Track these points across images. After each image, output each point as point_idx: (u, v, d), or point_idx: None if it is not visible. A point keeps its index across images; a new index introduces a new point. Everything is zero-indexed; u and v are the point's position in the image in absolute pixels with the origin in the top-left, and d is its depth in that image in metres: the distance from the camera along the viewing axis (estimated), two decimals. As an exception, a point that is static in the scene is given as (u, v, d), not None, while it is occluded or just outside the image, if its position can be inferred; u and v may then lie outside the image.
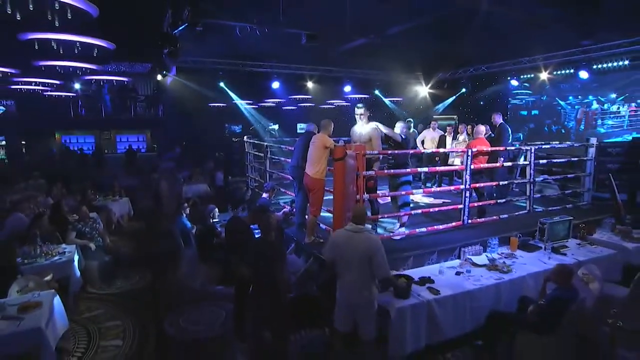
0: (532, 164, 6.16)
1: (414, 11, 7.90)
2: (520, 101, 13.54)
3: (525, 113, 13.33)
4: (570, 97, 11.58)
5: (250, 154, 9.07)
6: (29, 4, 3.32)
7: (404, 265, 4.59)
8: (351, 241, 3.37)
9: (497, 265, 4.61)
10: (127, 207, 9.14)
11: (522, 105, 13.54)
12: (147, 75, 13.01)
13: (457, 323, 4.04)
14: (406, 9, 7.71)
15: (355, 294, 3.39)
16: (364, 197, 4.67)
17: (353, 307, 3.45)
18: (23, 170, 10.88)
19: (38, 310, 3.50)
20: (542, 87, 11.63)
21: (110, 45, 5.64)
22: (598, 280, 4.43)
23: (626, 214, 6.34)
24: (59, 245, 5.33)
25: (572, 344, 3.74)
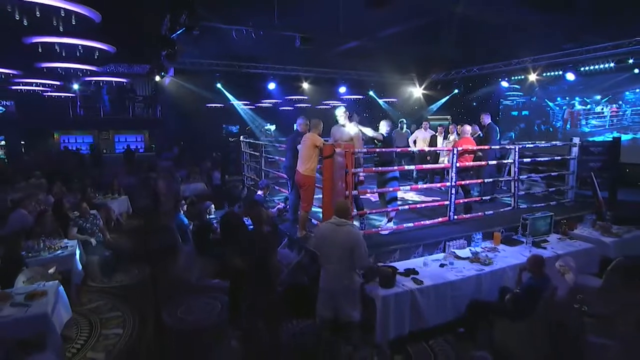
0: (516, 163, 6.42)
1: (405, 15, 8.14)
2: (511, 102, 13.85)
3: (516, 113, 13.65)
4: (559, 99, 11.89)
5: (246, 153, 9.29)
6: (36, 11, 3.59)
7: (390, 258, 4.83)
8: (335, 233, 3.62)
9: (480, 258, 4.85)
10: (125, 205, 9.34)
11: (513, 106, 13.86)
12: (146, 76, 13.22)
13: (440, 312, 4.28)
14: (397, 14, 7.93)
15: (336, 282, 3.62)
16: (353, 193, 4.90)
17: (334, 294, 3.68)
18: (23, 170, 11.08)
19: (44, 299, 3.73)
20: (532, 88, 11.93)
21: (110, 48, 5.87)
22: (573, 271, 4.69)
23: (607, 210, 6.60)
24: (61, 240, 5.55)
25: (546, 329, 3.98)
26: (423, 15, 8.64)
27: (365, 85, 14.99)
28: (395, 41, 10.09)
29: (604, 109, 10.21)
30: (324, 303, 3.77)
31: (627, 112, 9.78)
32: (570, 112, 11.32)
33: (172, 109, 16.57)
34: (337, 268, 3.59)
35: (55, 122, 16.23)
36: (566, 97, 11.36)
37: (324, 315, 3.81)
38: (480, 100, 13.72)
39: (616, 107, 9.96)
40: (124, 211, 9.25)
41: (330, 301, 3.74)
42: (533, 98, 12.60)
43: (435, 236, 5.31)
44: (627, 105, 9.79)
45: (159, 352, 4.25)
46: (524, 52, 10.29)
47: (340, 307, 3.71)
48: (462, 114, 14.30)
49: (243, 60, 11.55)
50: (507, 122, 13.47)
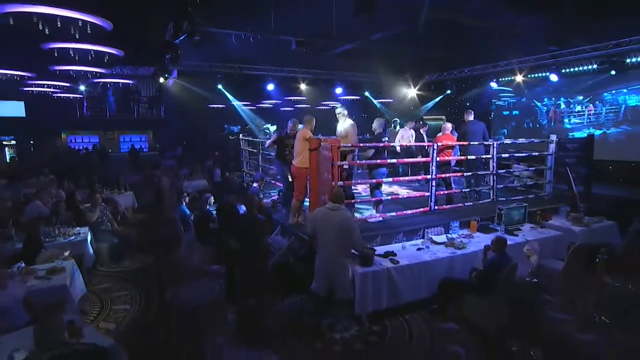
0: (494, 158, 6.88)
1: (396, 20, 8.62)
2: (503, 103, 14.39)
3: (508, 113, 14.21)
4: (545, 99, 12.46)
5: (245, 151, 9.80)
6: (57, 22, 4.10)
7: (372, 243, 5.31)
8: (330, 217, 4.08)
9: (454, 243, 5.33)
10: (131, 200, 9.86)
11: (504, 106, 14.43)
12: (150, 78, 13.77)
13: (415, 289, 4.76)
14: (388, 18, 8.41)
15: (332, 263, 4.10)
16: (339, 184, 5.39)
17: (330, 273, 4.15)
18: (32, 168, 11.65)
19: (62, 274, 4.25)
20: (522, 90, 12.46)
21: (119, 52, 6.41)
22: (537, 254, 5.18)
23: (581, 203, 7.07)
24: (74, 227, 6.08)
25: (506, 304, 4.45)
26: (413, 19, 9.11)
27: (362, 86, 15.48)
28: (389, 44, 10.58)
29: (584, 108, 10.76)
30: (321, 283, 4.23)
31: (602, 111, 10.40)
32: (554, 110, 11.87)
33: (175, 110, 17.11)
34: (333, 250, 4.06)
35: (62, 122, 16.82)
36: (552, 98, 11.89)
37: (320, 293, 4.28)
38: (473, 101, 14.19)
39: (593, 106, 10.53)
40: (130, 206, 9.76)
41: (326, 281, 4.21)
42: (523, 99, 13.16)
43: (416, 224, 5.79)
44: (602, 105, 10.41)
45: (163, 324, 4.75)
46: (511, 55, 10.76)
47: (336, 286, 4.18)
48: (456, 113, 14.74)
49: (243, 63, 12.07)
50: (500, 121, 14.00)
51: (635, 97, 9.63)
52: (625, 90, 9.91)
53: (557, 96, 11.77)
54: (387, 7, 8.23)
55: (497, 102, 14.33)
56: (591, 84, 10.34)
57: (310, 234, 4.31)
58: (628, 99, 9.81)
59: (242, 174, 9.95)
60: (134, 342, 4.01)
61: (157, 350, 3.99)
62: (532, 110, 12.99)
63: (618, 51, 8.76)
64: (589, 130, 10.35)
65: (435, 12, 8.85)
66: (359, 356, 4.09)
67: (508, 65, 11.02)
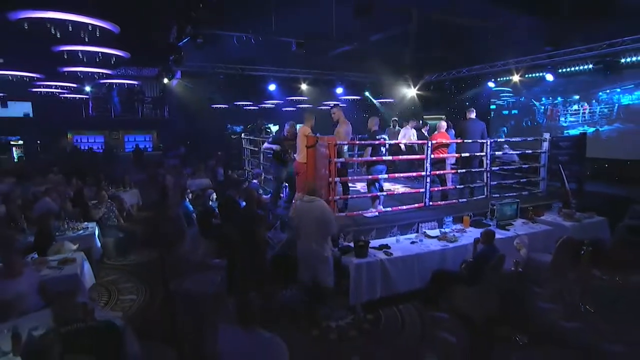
0: (488, 155, 7.09)
1: (393, 21, 8.84)
2: (503, 102, 14.62)
3: (507, 112, 14.45)
4: (543, 98, 12.69)
5: (247, 149, 10.05)
6: (69, 27, 4.35)
7: (367, 236, 5.52)
8: (308, 209, 4.37)
9: (447, 237, 5.55)
10: (136, 198, 10.12)
11: (504, 105, 14.66)
12: (154, 78, 14.06)
13: (407, 280, 4.98)
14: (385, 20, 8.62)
15: (311, 250, 4.33)
16: (336, 179, 5.61)
17: (310, 262, 4.39)
18: (39, 167, 11.95)
19: (73, 264, 4.50)
20: (521, 89, 12.69)
21: (125, 54, 6.67)
22: (526, 247, 5.40)
23: (573, 199, 7.26)
24: (82, 222, 6.33)
25: (496, 294, 4.65)
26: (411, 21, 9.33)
27: (362, 86, 15.70)
28: (388, 45, 10.80)
29: (579, 107, 10.97)
30: (303, 271, 4.49)
31: (596, 110, 10.64)
32: (551, 109, 12.11)
33: (178, 110, 17.40)
34: (312, 239, 4.31)
35: (68, 122, 17.14)
36: (550, 97, 12.09)
37: (303, 280, 4.53)
38: (472, 100, 14.38)
39: (588, 105, 10.77)
40: (135, 203, 10.02)
41: (307, 269, 4.46)
42: (522, 98, 13.39)
43: (410, 219, 6.01)
44: (597, 104, 10.64)
45: (168, 312, 4.99)
46: (508, 55, 10.96)
47: (316, 274, 4.43)
48: (456, 113, 14.94)
49: (244, 63, 12.31)
50: (499, 120, 14.22)
51: (628, 96, 9.81)
52: (619, 89, 10.09)
53: (555, 95, 12.00)
54: (386, 9, 8.47)
55: (497, 101, 14.55)
56: (587, 83, 10.54)
57: (293, 225, 4.55)
58: (622, 98, 9.99)
59: (244, 172, 10.20)
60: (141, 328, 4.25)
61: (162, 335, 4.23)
62: (531, 109, 13.23)
63: (611, 51, 8.92)
64: (584, 128, 10.62)
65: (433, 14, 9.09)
66: (354, 342, 4.31)
67: (505, 65, 11.21)
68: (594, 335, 4.31)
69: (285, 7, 7.73)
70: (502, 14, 9.33)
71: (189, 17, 5.92)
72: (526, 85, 12.20)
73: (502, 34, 10.04)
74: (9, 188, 8.68)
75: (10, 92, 13.90)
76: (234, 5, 6.61)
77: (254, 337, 2.54)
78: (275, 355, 2.51)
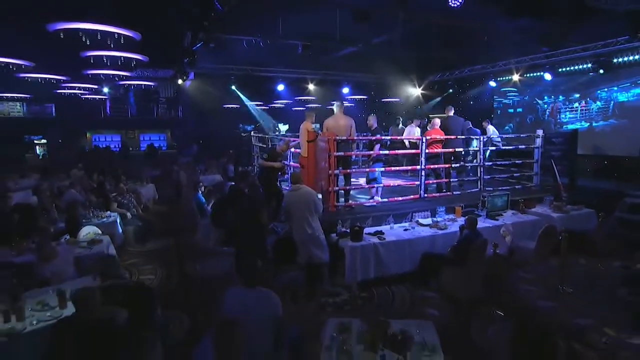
0: (481, 150, 7.51)
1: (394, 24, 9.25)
2: (509, 101, 14.99)
3: (512, 110, 14.86)
4: (546, 97, 13.05)
5: (256, 147, 10.59)
6: (98, 35, 4.95)
7: (364, 224, 6.00)
8: (296, 195, 4.92)
9: (438, 225, 6.00)
10: (152, 192, 10.77)
11: (510, 104, 15.03)
12: (169, 79, 14.74)
13: (399, 262, 5.45)
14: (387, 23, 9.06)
15: (303, 232, 4.85)
16: (336, 172, 6.10)
17: (304, 242, 4.90)
18: (61, 164, 12.72)
19: (101, 244, 5.10)
20: (525, 89, 13.09)
21: (145, 58, 7.26)
22: (511, 234, 5.83)
23: (564, 193, 7.64)
24: (105, 211, 6.96)
25: (479, 275, 5.09)
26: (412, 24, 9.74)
27: (368, 86, 16.15)
28: (391, 46, 11.23)
29: (577, 105, 11.38)
30: (301, 253, 5.01)
31: (592, 107, 11.08)
32: (552, 107, 12.48)
33: (192, 110, 18.09)
34: (303, 221, 4.83)
35: (87, 122, 17.98)
36: (552, 96, 12.44)
37: (302, 260, 5.04)
38: (476, 99, 14.74)
39: (585, 102, 11.16)
40: (151, 197, 10.67)
41: (303, 248, 4.97)
42: (526, 97, 13.77)
43: (405, 208, 6.48)
44: (593, 101, 11.09)
45: (182, 291, 5.56)
46: (508, 55, 11.31)
47: (312, 252, 4.93)
48: (460, 111, 15.26)
49: (254, 65, 12.89)
50: (505, 117, 14.61)
51: (625, 94, 10.11)
52: (616, 88, 10.40)
53: (557, 94, 12.39)
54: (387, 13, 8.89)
55: (504, 100, 14.97)
56: (587, 82, 10.91)
57: (286, 212, 5.05)
58: (619, 95, 10.29)
59: (254, 167, 10.75)
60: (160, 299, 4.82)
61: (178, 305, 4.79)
62: (534, 107, 13.66)
63: (606, 51, 9.23)
64: (581, 123, 11.08)
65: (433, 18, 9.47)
66: (348, 314, 4.79)
67: (505, 65, 11.56)
68: (567, 312, 4.72)
69: (291, 12, 8.24)
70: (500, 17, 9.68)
71: (202, 25, 6.48)
72: (530, 84, 12.60)
73: (501, 36, 10.38)
74: (37, 182, 9.38)
75: (36, 93, 14.73)
76: (243, 11, 7.14)
77: (254, 293, 3.05)
78: (269, 306, 3.03)
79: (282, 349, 3.15)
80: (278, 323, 3.16)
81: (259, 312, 3.07)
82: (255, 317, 3.03)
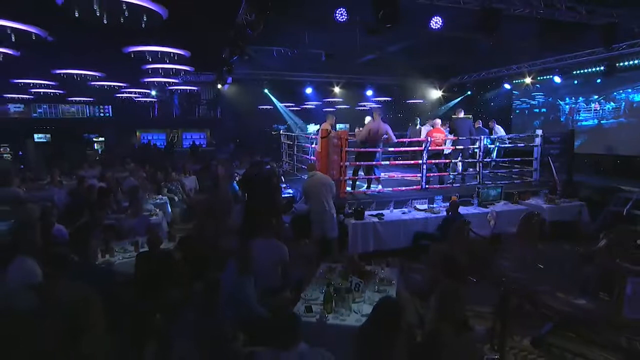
0: (481, 148, 8.39)
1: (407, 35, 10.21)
2: (535, 102, 15.63)
3: (538, 110, 15.53)
4: (567, 98, 13.56)
5: (285, 144, 11.92)
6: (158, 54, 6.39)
7: (368, 208, 7.10)
8: (313, 180, 6.01)
9: (433, 210, 7.01)
10: (194, 183, 12.32)
11: (536, 104, 15.64)
12: (210, 83, 16.40)
13: (395, 239, 6.51)
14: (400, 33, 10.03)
15: (320, 212, 5.97)
16: (346, 163, 7.24)
17: (320, 220, 6.03)
18: (117, 158, 14.65)
19: (157, 216, 6.54)
20: (550, 90, 13.76)
21: (191, 68, 8.72)
22: (494, 219, 6.74)
23: (560, 187, 8.37)
24: (157, 195, 8.47)
25: (461, 250, 6.05)
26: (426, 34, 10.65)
27: (391, 89, 17.12)
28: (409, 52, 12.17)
29: (592, 105, 12.25)
30: (315, 228, 6.16)
31: (606, 107, 11.69)
32: (571, 107, 13.04)
33: (230, 111, 19.78)
34: (319, 202, 5.96)
35: (138, 122, 20.14)
36: (572, 97, 13.05)
37: (316, 235, 6.20)
38: (494, 100, 15.40)
39: (598, 103, 11.79)
40: (193, 187, 12.23)
41: (318, 225, 6.12)
42: (550, 98, 14.40)
43: (405, 196, 7.51)
44: (606, 102, 11.70)
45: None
46: (521, 58, 11.98)
47: (325, 229, 6.08)
48: (481, 112, 15.97)
49: (284, 70, 14.23)
50: (532, 116, 15.18)
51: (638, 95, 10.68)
52: (630, 89, 10.87)
53: (577, 95, 13.02)
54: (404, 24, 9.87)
55: (531, 101, 15.65)
56: (604, 84, 11.55)
57: (305, 195, 6.19)
58: (635, 97, 10.85)
59: (282, 162, 12.09)
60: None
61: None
62: (557, 108, 14.30)
63: (610, 56, 9.78)
64: (594, 121, 11.99)
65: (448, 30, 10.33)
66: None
67: (519, 68, 12.22)
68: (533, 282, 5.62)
69: (315, 25, 9.42)
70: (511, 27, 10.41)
71: (238, 44, 7.82)
72: (554, 87, 13.34)
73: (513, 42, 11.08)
74: (101, 172, 11.15)
75: (99, 97, 16.92)
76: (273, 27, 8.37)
77: (267, 242, 4.28)
78: (279, 253, 4.23)
79: (287, 287, 4.35)
80: (285, 267, 4.38)
81: (271, 257, 4.29)
82: (268, 261, 4.25)
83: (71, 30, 6.15)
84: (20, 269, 3.51)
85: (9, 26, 4.97)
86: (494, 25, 6.67)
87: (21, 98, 16.27)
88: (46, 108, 18.59)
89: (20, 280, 3.47)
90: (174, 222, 8.68)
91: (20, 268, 3.51)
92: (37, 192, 8.19)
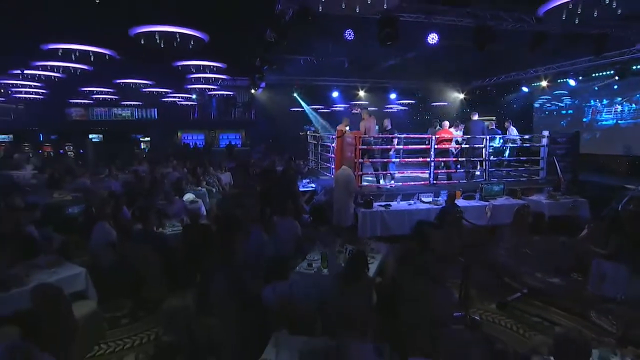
0: (487, 147, 9.09)
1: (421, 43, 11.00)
2: (563, 104, 15.98)
3: (564, 112, 15.85)
4: (592, 101, 13.89)
5: (311, 144, 13.01)
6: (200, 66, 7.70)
7: (378, 200, 8.02)
8: (339, 175, 7.02)
9: (436, 202, 7.84)
10: (229, 178, 13.67)
11: (563, 106, 15.99)
12: (245, 88, 17.82)
13: (400, 226, 7.39)
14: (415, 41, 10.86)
15: (340, 203, 6.98)
16: (360, 160, 8.21)
17: (340, 210, 7.04)
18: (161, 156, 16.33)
19: (197, 204, 7.79)
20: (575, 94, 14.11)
21: (228, 77, 10.00)
22: (491, 211, 7.48)
23: (563, 185, 8.92)
24: (197, 187, 9.79)
25: (457, 237, 6.86)
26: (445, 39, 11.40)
27: (414, 92, 17.84)
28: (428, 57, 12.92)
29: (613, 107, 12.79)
30: (336, 217, 7.18)
31: (626, 109, 12.23)
32: (593, 109, 13.41)
33: (263, 113, 21.19)
34: (340, 194, 6.97)
35: (180, 123, 21.98)
36: (596, 100, 13.38)
37: (335, 222, 7.21)
38: (517, 102, 15.84)
39: (619, 105, 12.39)
40: (228, 182, 13.58)
41: (338, 215, 7.13)
42: (576, 101, 14.76)
43: (413, 190, 8.37)
44: (628, 104, 12.17)
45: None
46: (538, 63, 12.46)
47: (343, 218, 7.08)
48: (503, 114, 16.42)
49: (312, 75, 15.33)
50: (559, 117, 15.51)
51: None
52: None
53: (601, 98, 13.33)
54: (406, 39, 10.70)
55: (559, 104, 15.99)
56: (626, 86, 12.01)
57: (330, 187, 7.24)
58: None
59: (309, 161, 13.20)
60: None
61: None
62: (583, 109, 14.63)
63: (623, 59, 10.16)
64: (614, 121, 12.61)
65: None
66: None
67: (535, 72, 12.68)
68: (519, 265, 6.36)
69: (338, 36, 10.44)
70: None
71: (268, 58, 9.02)
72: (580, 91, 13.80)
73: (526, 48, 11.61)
74: (149, 167, 12.71)
75: (146, 101, 18.81)
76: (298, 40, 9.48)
77: (283, 220, 5.35)
78: (293, 228, 5.30)
79: (299, 255, 5.40)
80: (299, 240, 5.44)
81: (287, 232, 5.37)
82: (284, 234, 5.32)
83: (134, 51, 7.55)
84: (102, 229, 4.78)
85: (90, 50, 6.40)
86: (485, 41, 7.41)
87: (83, 103, 18.45)
88: (101, 111, 20.80)
89: (102, 238, 4.74)
90: (212, 210, 9.96)
91: (102, 229, 4.78)
92: (99, 183, 9.73)
